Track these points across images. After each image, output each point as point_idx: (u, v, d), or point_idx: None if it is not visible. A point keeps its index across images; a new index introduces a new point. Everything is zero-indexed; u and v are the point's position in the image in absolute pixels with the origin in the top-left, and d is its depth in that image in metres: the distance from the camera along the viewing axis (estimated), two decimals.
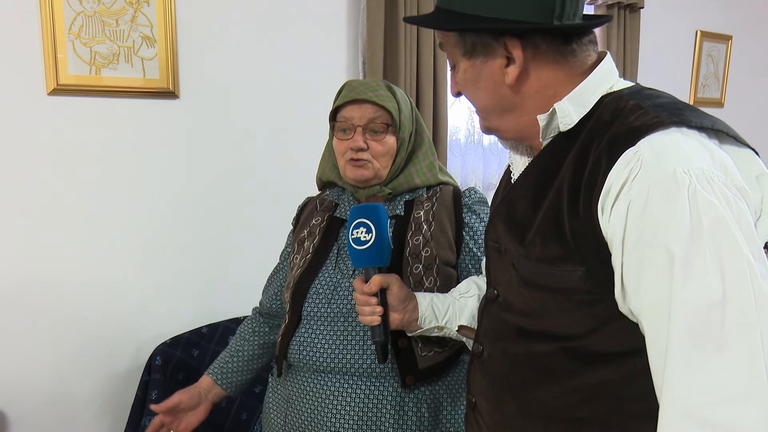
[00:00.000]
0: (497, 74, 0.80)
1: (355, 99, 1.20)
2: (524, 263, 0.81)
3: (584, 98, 0.79)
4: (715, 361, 0.62)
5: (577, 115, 0.78)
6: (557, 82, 0.80)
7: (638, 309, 0.70)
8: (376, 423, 1.16)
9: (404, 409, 1.17)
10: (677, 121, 0.70)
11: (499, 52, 0.79)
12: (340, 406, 1.16)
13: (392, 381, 1.17)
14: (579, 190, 0.73)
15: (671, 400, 0.65)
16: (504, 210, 0.88)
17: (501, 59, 0.79)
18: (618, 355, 0.76)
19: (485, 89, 0.83)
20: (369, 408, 1.16)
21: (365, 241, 1.06)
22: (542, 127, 0.80)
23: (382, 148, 1.20)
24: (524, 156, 0.90)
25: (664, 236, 0.65)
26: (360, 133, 1.19)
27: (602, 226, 0.71)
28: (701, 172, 0.66)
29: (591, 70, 0.80)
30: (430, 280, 1.19)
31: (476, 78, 0.83)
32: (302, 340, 1.20)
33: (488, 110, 0.86)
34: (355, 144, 1.19)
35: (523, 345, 0.84)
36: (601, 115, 0.76)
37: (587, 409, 0.79)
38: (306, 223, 1.32)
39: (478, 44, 0.80)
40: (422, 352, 1.17)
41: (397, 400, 1.17)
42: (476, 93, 0.85)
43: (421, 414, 1.18)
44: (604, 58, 0.82)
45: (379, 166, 1.21)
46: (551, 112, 0.79)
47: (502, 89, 0.81)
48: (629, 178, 0.68)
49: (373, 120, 1.19)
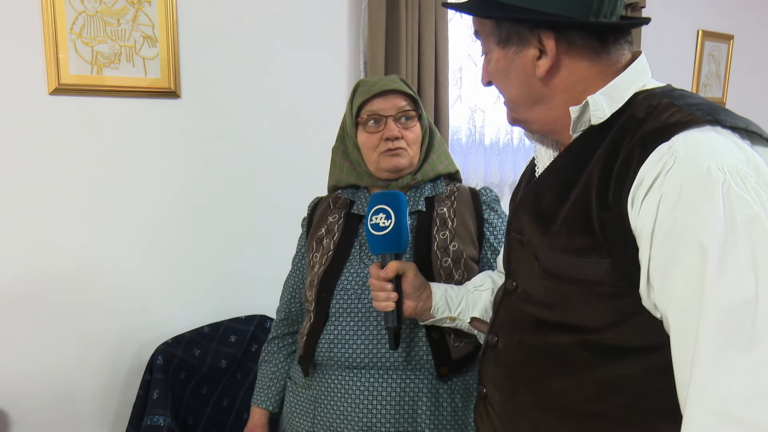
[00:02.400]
0: (529, 66, 0.81)
1: (382, 91, 1.22)
2: (548, 254, 0.81)
3: (617, 94, 0.79)
4: (746, 358, 0.62)
5: (609, 110, 0.79)
6: (589, 78, 0.80)
7: (664, 304, 0.70)
8: (412, 416, 1.17)
9: (439, 400, 1.19)
10: (712, 119, 0.70)
11: (532, 43, 0.80)
12: (376, 401, 1.17)
13: (427, 373, 1.19)
14: (609, 182, 0.73)
15: (700, 397, 0.64)
16: (529, 201, 0.88)
17: (534, 51, 0.80)
18: (638, 350, 0.76)
19: (516, 80, 0.83)
20: (405, 401, 1.17)
21: (384, 227, 1.07)
22: (573, 119, 0.81)
23: (413, 135, 1.24)
24: (549, 149, 0.90)
25: (697, 231, 0.65)
26: (391, 122, 1.22)
27: (631, 219, 0.71)
28: (735, 170, 0.66)
29: (624, 69, 0.80)
30: (459, 273, 1.21)
31: (508, 68, 0.83)
32: (332, 337, 1.20)
33: (517, 101, 0.86)
34: (391, 133, 1.21)
35: (541, 336, 0.84)
36: (634, 112, 0.76)
37: (604, 404, 0.78)
38: (322, 222, 1.32)
39: (513, 34, 0.81)
40: (455, 343, 1.19)
41: (432, 391, 1.19)
42: (507, 83, 0.85)
43: (455, 404, 1.20)
44: (639, 56, 0.82)
45: (413, 153, 1.25)
46: (584, 104, 0.79)
47: (533, 81, 0.82)
48: (662, 171, 0.68)
49: (402, 108, 1.23)
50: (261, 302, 2.15)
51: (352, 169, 1.32)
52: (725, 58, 3.67)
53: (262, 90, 2.13)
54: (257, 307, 2.14)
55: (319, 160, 2.27)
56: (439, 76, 2.40)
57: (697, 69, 3.53)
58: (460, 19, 2.59)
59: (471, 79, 2.66)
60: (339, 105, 2.29)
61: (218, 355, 1.97)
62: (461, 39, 2.62)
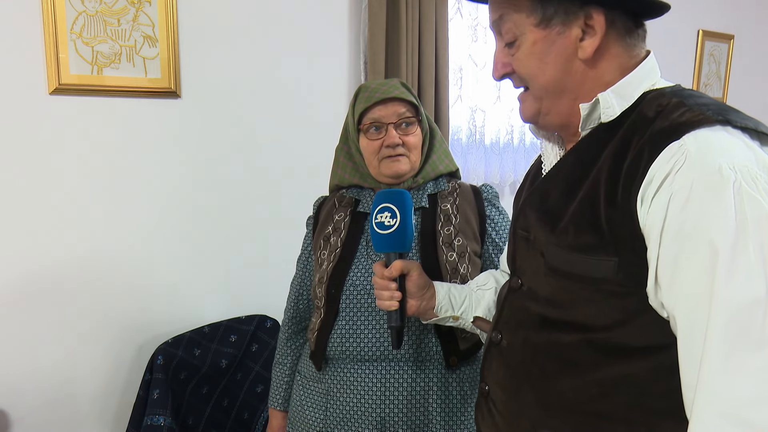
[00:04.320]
0: (571, 47, 0.78)
1: (383, 99, 1.23)
2: (554, 251, 0.80)
3: (627, 92, 0.78)
4: (754, 359, 0.62)
5: (619, 108, 0.78)
6: (618, 66, 0.79)
7: (672, 303, 0.69)
8: (424, 405, 1.20)
9: (449, 389, 1.23)
10: (722, 119, 0.70)
11: (577, 22, 0.77)
12: (388, 392, 1.20)
13: (437, 363, 1.22)
14: (618, 180, 0.73)
15: (707, 398, 0.64)
16: (536, 199, 0.87)
17: (577, 31, 0.77)
18: (643, 350, 0.75)
19: (555, 63, 0.79)
20: (417, 392, 1.20)
21: (389, 226, 1.08)
22: (583, 116, 0.80)
23: (414, 140, 1.26)
24: (556, 147, 0.89)
25: (708, 230, 0.65)
26: (392, 129, 1.24)
27: (640, 218, 0.71)
28: (746, 169, 0.65)
29: (638, 65, 0.80)
30: (464, 267, 1.23)
31: (546, 51, 0.79)
32: (344, 332, 1.22)
33: (548, 89, 0.82)
34: (392, 140, 1.23)
35: (545, 334, 0.83)
36: (644, 110, 0.76)
37: (608, 403, 0.78)
38: (328, 221, 1.34)
39: (560, 10, 0.77)
40: (462, 334, 1.21)
41: (442, 381, 1.22)
42: (541, 68, 0.81)
43: (464, 392, 1.24)
44: (649, 55, 0.82)
45: (414, 158, 1.27)
46: (594, 101, 0.79)
47: (575, 64, 0.79)
48: (673, 170, 0.68)
49: (403, 115, 1.24)
50: (261, 302, 2.15)
51: (355, 169, 1.33)
52: (725, 58, 3.67)
53: (263, 90, 2.13)
54: (257, 307, 2.14)
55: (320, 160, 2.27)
56: (439, 76, 2.40)
57: (697, 69, 3.53)
58: (461, 19, 2.59)
59: (471, 79, 2.66)
60: (339, 104, 2.29)
61: (218, 355, 1.97)
62: (461, 39, 2.62)
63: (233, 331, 2.03)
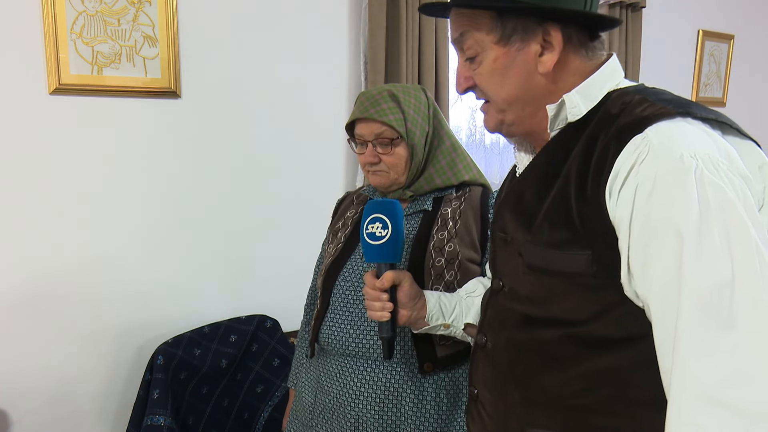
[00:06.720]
0: (531, 62, 0.81)
1: (361, 117, 1.25)
2: (531, 249, 0.82)
3: (592, 92, 0.81)
4: (724, 340, 0.63)
5: (585, 107, 0.80)
6: (579, 74, 0.82)
7: (645, 291, 0.71)
8: (397, 406, 1.20)
9: (423, 394, 1.22)
10: (683, 112, 0.72)
11: (536, 38, 0.80)
12: (363, 389, 1.21)
13: (412, 367, 1.21)
14: (587, 175, 0.75)
15: (681, 380, 0.65)
16: (512, 200, 0.89)
17: (536, 46, 0.80)
18: (623, 341, 0.76)
19: (516, 78, 0.82)
20: (390, 392, 1.21)
21: (380, 237, 1.08)
22: (551, 117, 0.82)
23: (392, 159, 1.25)
24: (528, 153, 0.91)
25: (673, 218, 0.66)
26: (371, 147, 1.25)
27: (610, 210, 0.72)
28: (707, 157, 0.67)
29: (599, 68, 0.82)
30: (451, 274, 1.22)
31: (507, 67, 0.82)
32: (331, 324, 1.25)
33: (511, 102, 0.84)
34: (366, 159, 1.26)
35: (528, 332, 0.84)
36: (609, 108, 0.78)
37: (591, 396, 0.79)
38: (342, 215, 1.39)
39: (518, 28, 0.80)
40: (441, 341, 1.21)
41: (417, 385, 1.21)
42: (503, 83, 0.83)
43: (440, 399, 1.22)
44: (611, 57, 0.84)
45: (395, 175, 1.26)
46: (560, 102, 0.81)
47: (535, 78, 0.82)
48: (637, 162, 0.70)
49: (380, 135, 1.24)
50: (261, 302, 2.15)
51: None
52: (725, 58, 3.67)
53: (263, 89, 2.13)
54: (257, 307, 2.14)
55: (319, 160, 2.28)
56: (439, 76, 2.40)
57: (697, 69, 3.53)
58: None
59: None
60: (339, 104, 2.29)
61: (218, 355, 1.97)
62: None
63: (233, 331, 2.03)
